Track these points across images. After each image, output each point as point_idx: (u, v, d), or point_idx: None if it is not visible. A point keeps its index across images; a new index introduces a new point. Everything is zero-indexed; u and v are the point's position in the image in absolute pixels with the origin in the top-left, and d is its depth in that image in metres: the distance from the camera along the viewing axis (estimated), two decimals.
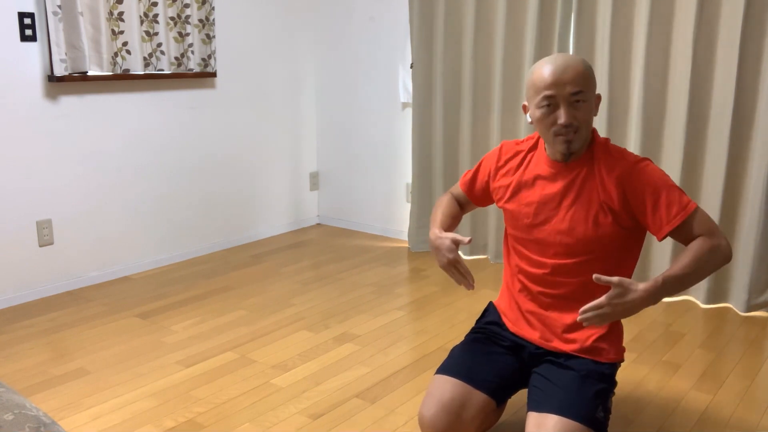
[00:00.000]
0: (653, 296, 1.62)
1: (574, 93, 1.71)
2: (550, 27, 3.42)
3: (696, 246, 1.69)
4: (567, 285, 1.86)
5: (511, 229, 1.96)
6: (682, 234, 1.73)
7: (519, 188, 1.91)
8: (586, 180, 1.81)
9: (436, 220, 2.01)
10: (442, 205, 2.08)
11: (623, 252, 1.84)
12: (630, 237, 1.83)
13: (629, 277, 1.89)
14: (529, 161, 1.92)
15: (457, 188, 2.13)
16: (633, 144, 3.22)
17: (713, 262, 1.68)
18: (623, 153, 1.81)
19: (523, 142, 1.97)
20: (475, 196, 2.08)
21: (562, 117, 1.72)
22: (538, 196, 1.86)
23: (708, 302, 3.18)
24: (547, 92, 1.72)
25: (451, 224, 2.02)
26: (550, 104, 1.73)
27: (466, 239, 1.78)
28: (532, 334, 1.93)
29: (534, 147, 1.93)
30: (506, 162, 1.96)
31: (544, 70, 1.74)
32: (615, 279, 1.59)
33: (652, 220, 1.75)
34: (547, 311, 1.90)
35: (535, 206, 1.87)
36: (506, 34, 3.51)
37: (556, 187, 1.84)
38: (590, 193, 1.80)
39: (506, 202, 1.94)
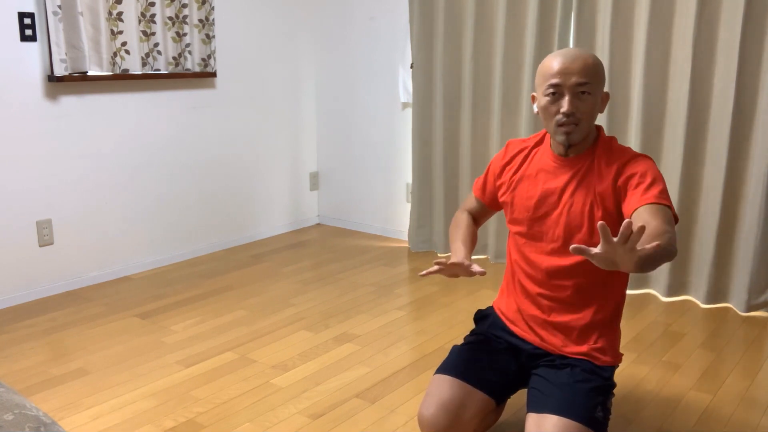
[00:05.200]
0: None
1: (580, 84, 1.73)
2: (550, 27, 3.42)
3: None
4: (564, 288, 1.87)
5: (511, 224, 1.96)
6: (643, 216, 1.64)
7: (521, 180, 1.93)
8: (586, 175, 1.83)
9: (459, 249, 1.94)
10: (459, 228, 2.04)
11: None
12: None
13: (627, 277, 1.90)
14: (534, 156, 1.94)
15: (471, 199, 2.13)
16: (633, 143, 3.22)
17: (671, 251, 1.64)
18: (625, 150, 1.82)
19: (529, 138, 1.99)
20: (489, 200, 2.07)
21: (564, 105, 1.74)
22: (540, 190, 1.88)
23: (708, 302, 3.18)
24: (554, 80, 1.75)
25: (470, 249, 1.99)
26: (556, 92, 1.76)
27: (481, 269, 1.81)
28: (531, 335, 1.94)
29: (540, 142, 1.95)
30: (512, 158, 1.98)
31: (554, 59, 1.77)
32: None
33: (629, 197, 1.71)
34: (549, 316, 1.90)
35: (536, 200, 1.88)
36: (506, 34, 3.51)
37: (558, 181, 1.86)
38: (587, 186, 1.81)
39: (509, 193, 1.95)
